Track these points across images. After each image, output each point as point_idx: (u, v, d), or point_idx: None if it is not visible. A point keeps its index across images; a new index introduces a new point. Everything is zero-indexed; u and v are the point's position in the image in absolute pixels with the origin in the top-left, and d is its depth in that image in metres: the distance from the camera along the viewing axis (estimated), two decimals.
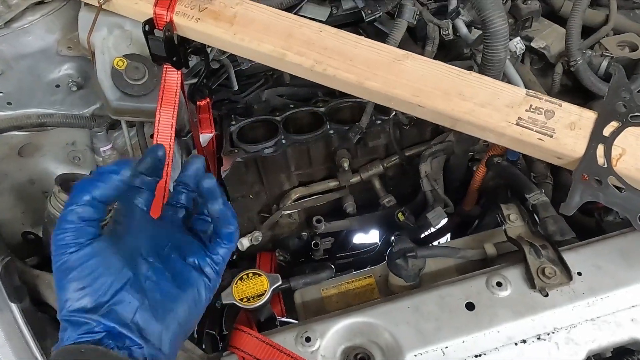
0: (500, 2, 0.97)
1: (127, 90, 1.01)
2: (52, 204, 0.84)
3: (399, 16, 1.11)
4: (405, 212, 1.21)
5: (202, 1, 0.96)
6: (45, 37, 1.09)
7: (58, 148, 1.14)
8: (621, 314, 0.78)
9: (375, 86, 0.89)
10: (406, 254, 0.85)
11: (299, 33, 0.93)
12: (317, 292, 0.94)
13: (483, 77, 0.90)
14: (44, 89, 1.10)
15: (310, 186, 1.33)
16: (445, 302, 0.80)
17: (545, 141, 0.84)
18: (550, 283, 0.80)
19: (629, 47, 1.32)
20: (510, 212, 0.94)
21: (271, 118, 1.33)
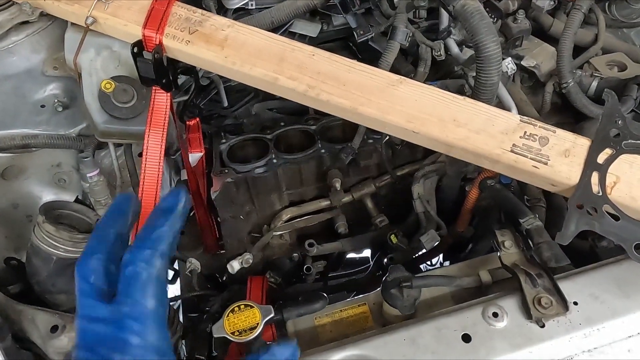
0: (492, 26, 0.97)
1: (114, 113, 0.98)
2: (36, 235, 0.81)
3: (391, 38, 1.11)
4: (398, 235, 1.20)
5: (192, 23, 0.95)
6: (31, 58, 1.07)
7: (43, 170, 1.10)
8: (618, 345, 0.77)
9: (369, 112, 0.88)
10: (401, 284, 0.84)
11: (292, 57, 0.92)
12: (310, 321, 0.92)
13: (477, 103, 0.89)
14: (29, 110, 1.08)
15: (302, 206, 1.31)
16: (442, 334, 0.79)
17: (540, 168, 0.84)
18: (547, 313, 0.79)
19: (618, 67, 1.34)
20: (504, 239, 0.93)
21: (262, 136, 1.31)
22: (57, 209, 0.86)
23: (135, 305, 0.47)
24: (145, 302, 0.47)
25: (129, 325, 0.47)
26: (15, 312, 0.78)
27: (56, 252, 0.82)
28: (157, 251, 0.49)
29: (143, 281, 0.48)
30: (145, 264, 0.48)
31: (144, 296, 0.47)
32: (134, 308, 0.47)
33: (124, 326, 0.47)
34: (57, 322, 0.78)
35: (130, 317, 0.47)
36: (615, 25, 1.48)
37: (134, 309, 0.47)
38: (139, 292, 0.48)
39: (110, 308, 0.47)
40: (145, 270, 0.48)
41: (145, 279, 0.48)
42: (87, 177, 0.96)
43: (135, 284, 0.48)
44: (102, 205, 1.00)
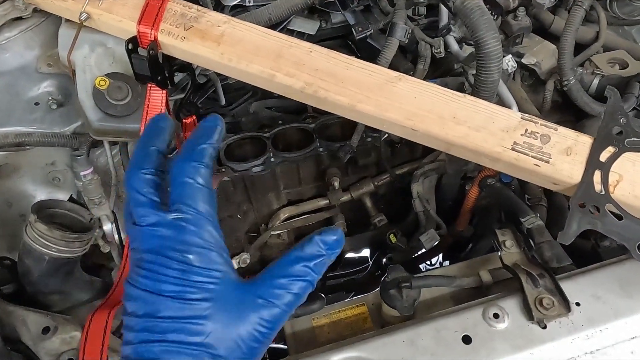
0: (493, 22, 0.95)
1: (109, 111, 0.97)
2: (28, 234, 0.80)
3: (390, 35, 1.09)
4: (397, 234, 1.19)
5: (188, 19, 0.93)
6: (24, 54, 1.05)
7: (37, 168, 1.09)
8: (621, 346, 0.76)
9: (367, 109, 0.87)
10: (400, 284, 0.83)
11: (289, 53, 0.90)
12: (307, 321, 0.91)
13: (477, 100, 0.88)
14: (23, 107, 1.06)
15: (300, 205, 1.30)
16: (441, 335, 0.77)
17: (541, 167, 0.82)
18: (549, 314, 0.78)
19: (619, 65, 1.32)
20: (505, 239, 0.92)
21: (260, 135, 1.29)
22: (50, 207, 0.85)
23: (191, 210, 0.52)
24: (199, 207, 0.52)
25: (189, 228, 0.52)
26: (5, 313, 0.76)
27: (48, 251, 0.81)
28: (203, 163, 0.54)
29: (195, 189, 0.53)
30: (194, 174, 0.53)
31: (197, 203, 0.53)
32: (190, 213, 0.52)
33: (185, 229, 0.52)
34: (49, 324, 0.76)
35: (188, 222, 0.52)
36: (616, 23, 1.47)
37: (190, 214, 0.52)
38: (192, 200, 0.53)
39: (168, 215, 0.52)
40: (195, 180, 0.53)
41: (196, 188, 0.53)
42: (81, 176, 0.95)
43: (188, 192, 0.53)
44: (96, 204, 0.98)
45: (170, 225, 0.52)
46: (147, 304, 0.50)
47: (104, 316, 0.78)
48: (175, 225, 0.52)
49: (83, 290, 0.88)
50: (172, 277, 0.51)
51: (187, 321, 0.50)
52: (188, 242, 0.51)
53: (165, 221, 0.52)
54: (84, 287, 0.89)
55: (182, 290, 0.50)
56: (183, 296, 0.50)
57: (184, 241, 0.51)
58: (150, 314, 0.50)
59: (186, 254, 0.51)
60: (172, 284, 0.50)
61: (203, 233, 0.52)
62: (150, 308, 0.50)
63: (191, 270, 0.51)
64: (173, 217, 0.52)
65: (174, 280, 0.50)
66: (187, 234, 0.52)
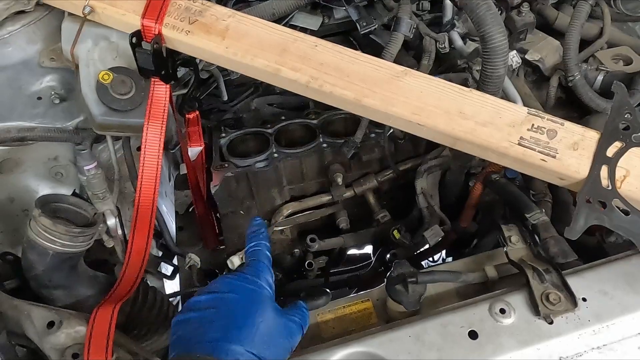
0: (499, 17, 0.95)
1: (112, 105, 0.96)
2: (31, 229, 0.79)
3: (395, 29, 1.08)
4: (401, 230, 1.18)
5: (192, 13, 0.93)
6: (27, 48, 1.05)
7: (39, 163, 1.08)
8: (627, 342, 0.76)
9: (373, 104, 0.86)
10: (406, 280, 0.82)
11: (294, 47, 0.90)
12: (312, 317, 0.90)
13: (484, 95, 0.87)
14: (25, 102, 1.05)
15: (303, 201, 1.29)
16: (448, 330, 0.77)
17: (548, 162, 0.82)
18: (555, 310, 0.78)
19: (623, 61, 1.32)
20: (511, 234, 0.91)
21: (262, 130, 1.29)
22: (54, 202, 0.84)
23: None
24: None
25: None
26: (10, 308, 0.76)
27: (53, 246, 0.80)
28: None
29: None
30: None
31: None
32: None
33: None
34: (54, 318, 0.76)
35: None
36: (620, 19, 1.46)
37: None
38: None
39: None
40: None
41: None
42: (85, 170, 0.94)
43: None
44: (100, 198, 0.98)
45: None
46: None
47: (109, 311, 0.77)
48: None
49: (87, 285, 0.87)
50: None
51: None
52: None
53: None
54: (88, 282, 0.88)
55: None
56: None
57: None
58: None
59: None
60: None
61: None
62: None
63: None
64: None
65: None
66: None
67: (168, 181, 1.28)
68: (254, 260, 0.79)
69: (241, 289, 0.72)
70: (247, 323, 0.68)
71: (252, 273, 0.75)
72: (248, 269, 0.77)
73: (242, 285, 0.73)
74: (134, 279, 0.90)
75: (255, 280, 0.74)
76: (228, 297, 0.71)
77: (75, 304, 0.85)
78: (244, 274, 0.75)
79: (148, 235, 0.96)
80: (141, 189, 0.98)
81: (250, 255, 0.81)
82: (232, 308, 0.70)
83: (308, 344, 0.84)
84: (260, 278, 0.75)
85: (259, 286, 0.73)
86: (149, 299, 0.94)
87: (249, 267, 0.78)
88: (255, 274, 0.75)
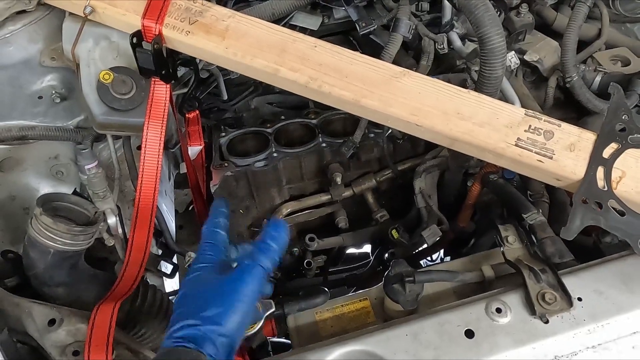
0: (497, 18, 0.96)
1: (113, 105, 0.97)
2: (33, 227, 0.80)
3: (394, 30, 1.09)
4: (399, 229, 1.19)
5: (192, 14, 0.93)
6: (28, 48, 1.05)
7: (40, 162, 1.09)
8: (622, 341, 0.77)
9: (372, 104, 0.87)
10: (404, 279, 0.83)
11: (293, 48, 0.91)
12: (311, 315, 0.91)
13: (481, 96, 0.88)
14: (26, 101, 1.06)
15: (302, 200, 1.30)
16: (444, 329, 0.78)
17: (544, 163, 0.83)
18: (551, 309, 0.78)
19: (621, 62, 1.32)
20: (508, 234, 0.92)
21: (262, 130, 1.30)
22: (55, 201, 0.85)
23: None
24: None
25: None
26: (12, 305, 0.77)
27: (53, 244, 0.81)
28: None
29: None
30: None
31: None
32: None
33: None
34: (55, 316, 0.77)
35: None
36: (618, 20, 1.47)
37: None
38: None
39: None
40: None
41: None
42: (85, 169, 0.95)
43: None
44: (100, 197, 0.98)
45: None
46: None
47: (109, 309, 0.78)
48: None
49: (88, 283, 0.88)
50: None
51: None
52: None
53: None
54: (89, 280, 0.89)
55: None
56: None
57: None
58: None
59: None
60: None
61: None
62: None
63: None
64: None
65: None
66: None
67: (168, 180, 1.29)
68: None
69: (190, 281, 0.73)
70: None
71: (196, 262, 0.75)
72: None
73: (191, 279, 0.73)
74: (134, 277, 0.90)
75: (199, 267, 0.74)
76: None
77: (76, 302, 0.85)
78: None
79: (148, 233, 0.97)
80: (141, 187, 0.99)
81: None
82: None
83: (307, 342, 0.85)
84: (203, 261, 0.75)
85: (201, 269, 0.73)
86: (149, 297, 0.95)
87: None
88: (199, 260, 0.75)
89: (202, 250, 0.77)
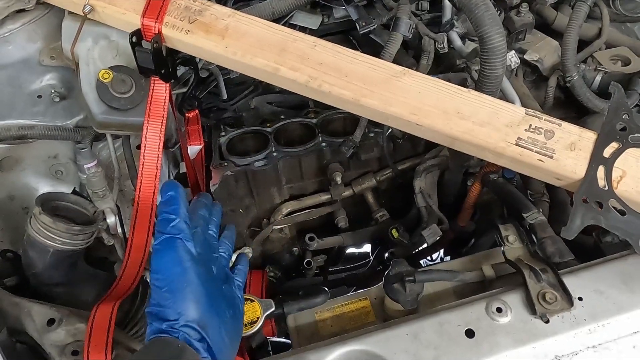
0: (497, 17, 0.95)
1: (112, 104, 0.96)
2: (32, 226, 0.80)
3: (394, 29, 1.09)
4: (399, 229, 1.19)
5: (192, 12, 0.93)
6: (27, 47, 1.05)
7: (39, 161, 1.09)
8: (623, 341, 0.76)
9: (372, 103, 0.87)
10: (404, 279, 0.83)
11: (293, 47, 0.90)
12: (310, 315, 0.91)
13: (482, 95, 0.88)
14: (25, 100, 1.06)
15: (302, 200, 1.30)
16: (445, 329, 0.78)
17: (545, 162, 0.83)
18: (551, 309, 0.78)
19: (621, 61, 1.32)
20: (508, 234, 0.92)
21: (262, 129, 1.29)
22: (54, 200, 0.84)
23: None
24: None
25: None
26: (11, 305, 0.76)
27: (53, 244, 0.81)
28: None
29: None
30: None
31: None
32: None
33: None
34: (54, 315, 0.76)
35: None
36: (619, 20, 1.47)
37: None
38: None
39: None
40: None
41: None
42: (85, 169, 0.95)
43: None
44: (100, 197, 0.98)
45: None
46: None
47: (109, 308, 0.78)
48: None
49: (87, 283, 0.88)
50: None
51: None
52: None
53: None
54: (88, 279, 0.89)
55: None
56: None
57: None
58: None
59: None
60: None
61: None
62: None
63: None
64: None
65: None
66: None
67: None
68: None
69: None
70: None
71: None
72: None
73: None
74: (133, 277, 0.90)
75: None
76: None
77: (75, 302, 0.85)
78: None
79: (148, 233, 0.96)
80: (141, 187, 0.98)
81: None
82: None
83: (306, 342, 0.85)
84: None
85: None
86: (149, 296, 0.95)
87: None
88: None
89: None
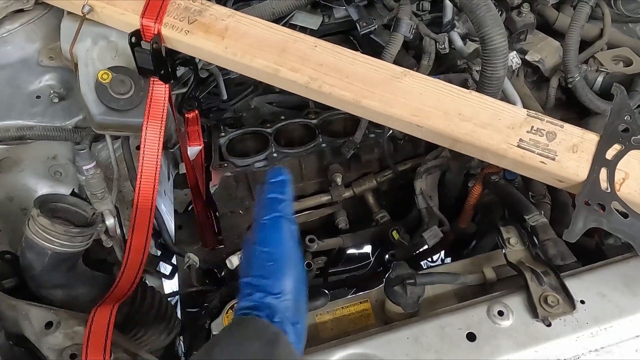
0: (499, 18, 0.95)
1: (111, 105, 0.96)
2: (30, 228, 0.79)
3: (395, 30, 1.08)
4: (400, 230, 1.18)
5: (191, 13, 0.92)
6: (26, 47, 1.05)
7: (38, 162, 1.08)
8: (625, 345, 0.76)
9: (372, 105, 0.86)
10: (405, 281, 0.82)
11: (294, 48, 0.90)
12: (310, 317, 0.90)
13: (483, 97, 0.87)
14: (24, 101, 1.05)
15: (302, 201, 1.29)
16: (446, 332, 0.77)
17: (547, 164, 0.82)
18: (553, 312, 0.78)
19: (623, 62, 1.32)
20: (510, 236, 0.91)
21: (262, 130, 1.29)
22: (53, 202, 0.84)
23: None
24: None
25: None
26: (9, 307, 0.76)
27: (51, 246, 0.80)
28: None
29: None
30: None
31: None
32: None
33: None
34: (52, 318, 0.76)
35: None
36: (620, 20, 1.46)
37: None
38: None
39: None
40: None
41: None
42: (84, 170, 0.94)
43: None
44: (99, 198, 0.98)
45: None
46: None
47: (107, 311, 0.77)
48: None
49: (85, 285, 0.87)
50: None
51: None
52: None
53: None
54: (87, 281, 0.88)
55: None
56: None
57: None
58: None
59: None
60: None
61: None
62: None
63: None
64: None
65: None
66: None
67: (167, 180, 1.28)
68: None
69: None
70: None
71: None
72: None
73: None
74: (132, 279, 0.90)
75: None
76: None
77: (74, 304, 0.85)
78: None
79: (147, 234, 0.96)
80: (140, 188, 0.98)
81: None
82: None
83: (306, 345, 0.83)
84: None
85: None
86: (148, 298, 0.94)
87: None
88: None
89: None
